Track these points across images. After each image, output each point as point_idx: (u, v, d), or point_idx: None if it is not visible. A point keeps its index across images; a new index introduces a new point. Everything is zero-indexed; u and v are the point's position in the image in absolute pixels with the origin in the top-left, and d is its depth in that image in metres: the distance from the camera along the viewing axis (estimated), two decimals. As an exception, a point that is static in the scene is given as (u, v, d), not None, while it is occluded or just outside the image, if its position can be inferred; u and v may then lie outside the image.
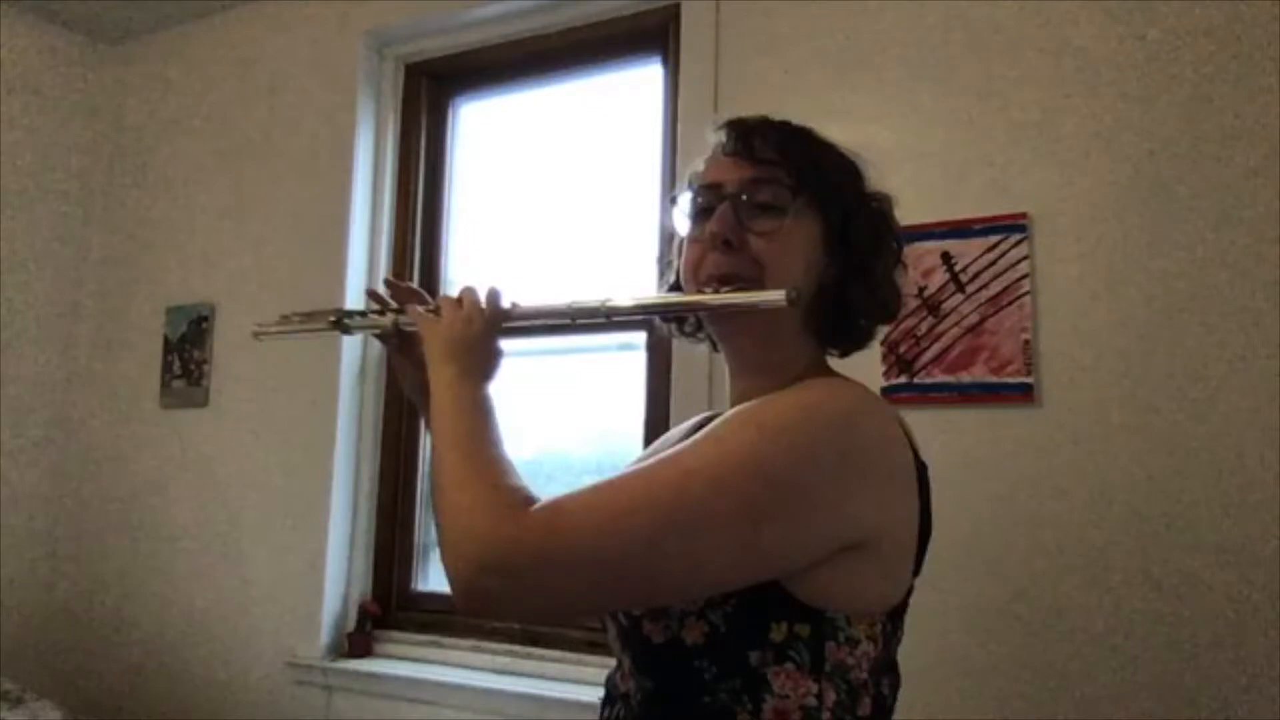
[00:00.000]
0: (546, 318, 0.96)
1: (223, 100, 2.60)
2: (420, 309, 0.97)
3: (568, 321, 0.94)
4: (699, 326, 0.98)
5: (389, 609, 2.24)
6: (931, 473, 0.84)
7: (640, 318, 0.93)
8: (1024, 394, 1.53)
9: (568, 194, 2.23)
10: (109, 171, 2.80)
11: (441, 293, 2.35)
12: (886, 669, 0.82)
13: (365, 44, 2.36)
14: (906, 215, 1.62)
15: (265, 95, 2.52)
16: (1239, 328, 1.41)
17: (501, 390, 0.89)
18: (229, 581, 2.34)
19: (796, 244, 0.86)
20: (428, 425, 0.97)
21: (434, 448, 0.82)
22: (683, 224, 0.93)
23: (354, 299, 2.29)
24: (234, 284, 2.49)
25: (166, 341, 2.56)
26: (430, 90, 2.42)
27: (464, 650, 2.08)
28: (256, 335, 1.14)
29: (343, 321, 1.04)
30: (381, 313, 1.05)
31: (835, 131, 0.89)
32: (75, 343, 2.74)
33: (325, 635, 2.18)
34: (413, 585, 2.26)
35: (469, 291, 0.95)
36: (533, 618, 0.73)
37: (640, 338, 2.01)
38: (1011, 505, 1.53)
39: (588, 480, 0.75)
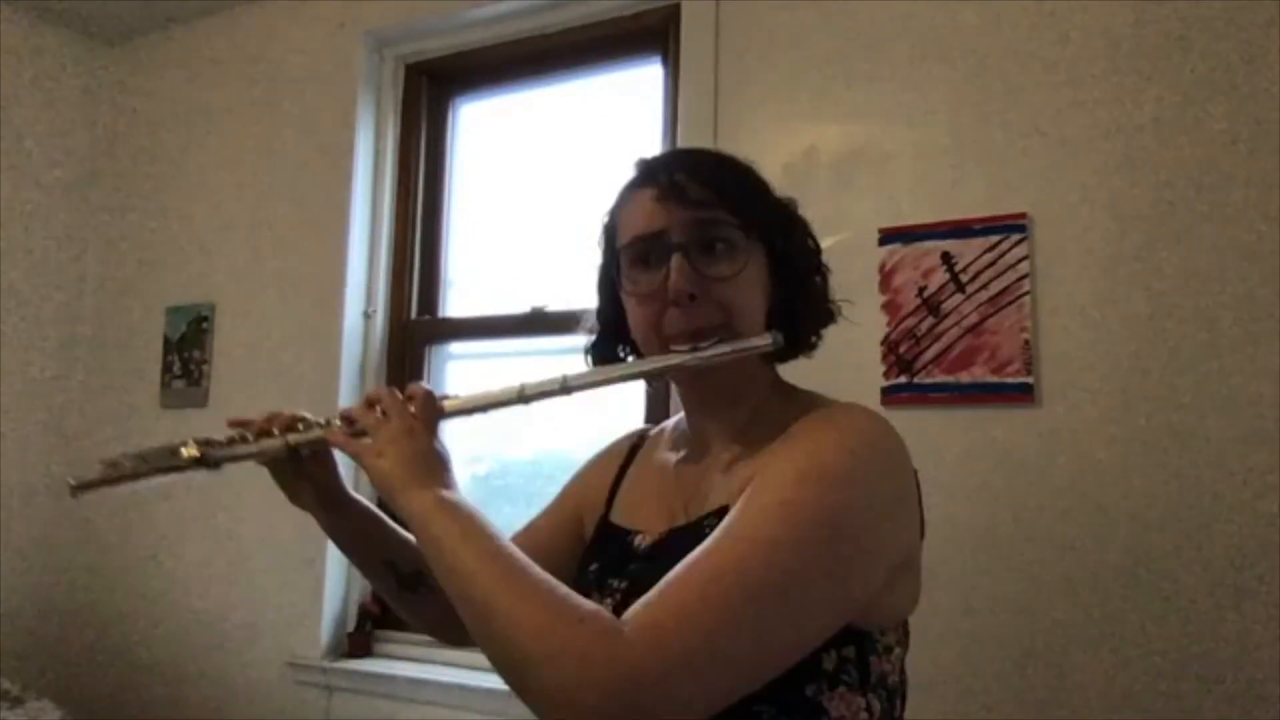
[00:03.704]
0: (488, 406, 0.86)
1: (222, 100, 2.60)
2: (337, 426, 0.88)
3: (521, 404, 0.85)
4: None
5: (389, 609, 2.23)
6: (931, 473, 0.86)
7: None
8: (1024, 394, 1.53)
9: (567, 194, 2.22)
10: (108, 172, 2.80)
11: (442, 295, 2.38)
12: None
13: (365, 44, 2.36)
14: (906, 215, 1.66)
15: (265, 95, 2.52)
16: (1239, 327, 1.41)
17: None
18: (229, 581, 2.34)
19: (754, 280, 0.85)
20: (326, 530, 1.01)
21: (457, 581, 0.73)
22: (605, 275, 0.91)
23: (354, 298, 2.29)
24: (234, 284, 2.49)
25: (166, 341, 2.56)
26: (430, 90, 2.42)
27: (464, 650, 2.07)
28: (74, 492, 0.97)
29: (208, 455, 0.91)
30: (270, 434, 0.93)
31: (835, 132, 0.88)
32: (75, 343, 2.74)
33: (325, 635, 2.18)
34: (413, 585, 2.25)
35: (389, 397, 0.85)
36: None
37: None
38: (1011, 505, 1.53)
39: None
